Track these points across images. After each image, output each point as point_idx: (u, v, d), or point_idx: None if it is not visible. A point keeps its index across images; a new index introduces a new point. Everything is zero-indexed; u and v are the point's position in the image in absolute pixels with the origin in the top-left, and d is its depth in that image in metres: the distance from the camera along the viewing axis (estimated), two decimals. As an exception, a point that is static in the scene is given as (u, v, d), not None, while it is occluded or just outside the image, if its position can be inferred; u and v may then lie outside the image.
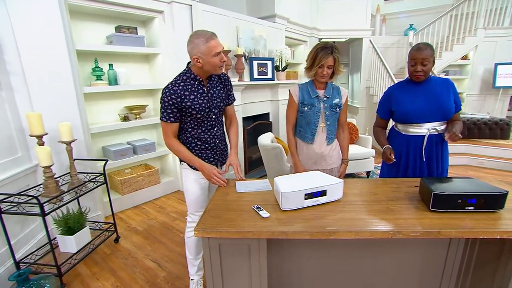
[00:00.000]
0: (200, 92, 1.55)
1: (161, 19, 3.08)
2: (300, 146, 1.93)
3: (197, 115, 1.54)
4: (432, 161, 1.77)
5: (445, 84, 1.74)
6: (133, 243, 2.42)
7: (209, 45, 1.42)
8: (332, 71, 1.75)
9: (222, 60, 1.49)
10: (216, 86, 1.63)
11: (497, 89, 5.53)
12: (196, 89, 1.54)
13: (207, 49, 1.43)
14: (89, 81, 2.84)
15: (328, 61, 1.69)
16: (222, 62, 1.49)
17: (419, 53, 1.64)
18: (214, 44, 1.43)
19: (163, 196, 3.38)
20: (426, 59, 1.63)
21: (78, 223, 2.20)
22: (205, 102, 1.56)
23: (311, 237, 1.13)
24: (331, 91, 1.83)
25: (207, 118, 1.59)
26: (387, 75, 4.98)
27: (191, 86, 1.52)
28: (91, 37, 2.83)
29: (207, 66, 1.48)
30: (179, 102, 1.49)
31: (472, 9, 5.38)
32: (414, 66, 1.67)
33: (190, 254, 1.77)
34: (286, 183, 1.33)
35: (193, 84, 1.53)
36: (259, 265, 1.22)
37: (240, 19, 3.70)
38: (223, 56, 1.49)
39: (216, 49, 1.44)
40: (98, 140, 2.99)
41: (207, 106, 1.56)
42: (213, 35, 1.46)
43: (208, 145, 1.64)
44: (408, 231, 1.13)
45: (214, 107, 1.61)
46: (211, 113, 1.60)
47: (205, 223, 1.19)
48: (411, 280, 1.58)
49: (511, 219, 1.20)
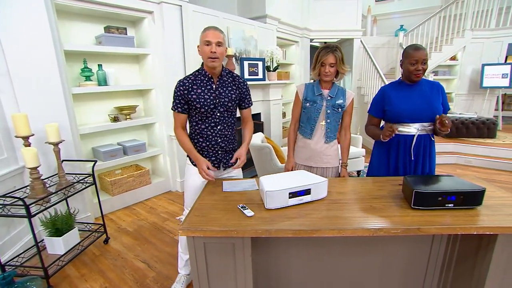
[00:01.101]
0: (208, 88, 1.62)
1: (150, 20, 3.07)
2: (298, 140, 2.03)
3: (201, 109, 1.60)
4: (420, 160, 1.81)
5: (434, 86, 1.79)
6: (123, 244, 2.41)
7: (204, 33, 1.55)
8: (336, 71, 1.83)
9: (212, 50, 1.51)
10: (227, 86, 1.67)
11: (484, 89, 5.64)
12: (204, 84, 1.62)
13: (202, 37, 1.55)
14: (78, 81, 2.82)
15: (329, 59, 1.77)
16: (211, 53, 1.52)
17: (420, 53, 1.68)
18: (207, 33, 1.53)
19: (154, 196, 3.38)
20: (425, 58, 1.68)
21: (67, 225, 2.18)
22: (212, 98, 1.61)
23: (294, 235, 1.15)
24: (336, 91, 1.89)
25: (211, 114, 1.63)
26: (378, 76, 5.05)
27: (200, 81, 1.62)
28: (80, 37, 2.81)
29: (202, 55, 1.57)
30: (186, 94, 1.59)
31: (459, 11, 5.49)
32: (415, 65, 1.69)
33: (181, 247, 1.85)
34: (271, 182, 1.35)
35: (202, 79, 1.62)
36: (244, 264, 1.23)
37: (230, 19, 3.71)
38: (213, 47, 1.51)
39: (206, 37, 1.52)
40: (88, 141, 2.97)
41: (212, 103, 1.61)
42: (213, 28, 1.56)
43: (209, 143, 1.67)
44: (389, 228, 1.15)
45: (220, 105, 1.63)
46: (216, 110, 1.63)
47: (190, 222, 1.20)
48: (397, 276, 1.62)
49: (487, 215, 1.24)
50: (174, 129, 1.69)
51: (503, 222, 1.17)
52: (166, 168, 3.50)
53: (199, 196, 1.49)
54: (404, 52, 1.75)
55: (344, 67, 1.82)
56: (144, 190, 3.28)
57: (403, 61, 1.76)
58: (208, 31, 1.53)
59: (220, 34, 1.55)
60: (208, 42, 1.51)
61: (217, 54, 1.53)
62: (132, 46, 3.01)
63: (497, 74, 5.38)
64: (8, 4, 2.07)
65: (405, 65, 1.74)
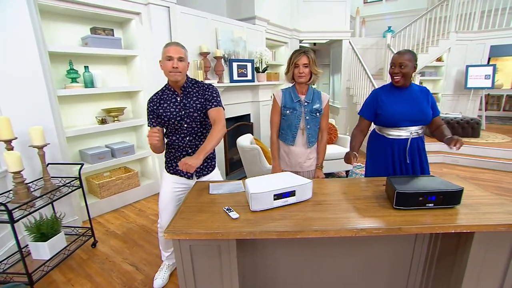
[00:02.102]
0: (173, 101, 1.67)
1: (138, 21, 3.05)
2: (281, 147, 2.04)
3: (169, 122, 1.67)
4: (417, 162, 1.86)
5: (423, 91, 1.84)
6: (111, 247, 2.39)
7: (165, 49, 1.59)
8: (310, 72, 1.84)
9: (173, 65, 1.55)
10: (191, 96, 1.69)
11: (469, 90, 5.79)
12: (170, 98, 1.68)
13: (163, 52, 1.59)
14: (64, 83, 2.78)
15: (302, 60, 1.80)
16: (173, 68, 1.56)
17: (398, 56, 1.73)
18: (169, 49, 1.57)
19: (143, 199, 3.35)
20: (403, 62, 1.71)
21: (52, 229, 2.15)
22: (177, 110, 1.66)
23: (278, 236, 1.16)
24: (312, 96, 1.91)
25: (179, 126, 1.68)
26: (366, 76, 5.12)
27: (166, 96, 1.69)
28: (65, 39, 2.77)
29: (163, 70, 1.61)
30: (155, 110, 1.68)
31: (444, 13, 5.63)
32: (393, 68, 1.75)
33: (161, 246, 1.99)
34: (256, 185, 1.36)
35: (168, 93, 1.69)
36: (229, 265, 1.24)
37: (219, 20, 3.71)
38: (175, 63, 1.55)
39: (167, 52, 1.56)
40: (74, 144, 2.93)
41: (178, 115, 1.65)
42: (174, 44, 1.60)
43: (180, 153, 1.74)
44: (371, 228, 1.18)
45: (186, 116, 1.66)
46: (183, 121, 1.67)
47: (175, 225, 1.20)
48: (383, 274, 1.65)
49: (465, 213, 1.28)
50: None
51: (479, 220, 1.21)
52: (155, 170, 3.47)
53: (185, 199, 1.49)
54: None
55: (317, 69, 1.85)
56: (133, 192, 3.26)
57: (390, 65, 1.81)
58: (170, 46, 1.58)
59: (182, 50, 1.60)
60: (169, 57, 1.56)
61: (179, 68, 1.57)
62: (119, 48, 2.98)
63: (481, 75, 5.53)
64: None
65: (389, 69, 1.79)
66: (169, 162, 1.80)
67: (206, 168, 1.83)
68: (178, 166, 1.72)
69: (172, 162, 1.78)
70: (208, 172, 1.84)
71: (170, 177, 1.79)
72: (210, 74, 3.62)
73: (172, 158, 1.77)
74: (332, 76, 7.02)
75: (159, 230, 1.91)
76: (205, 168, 1.82)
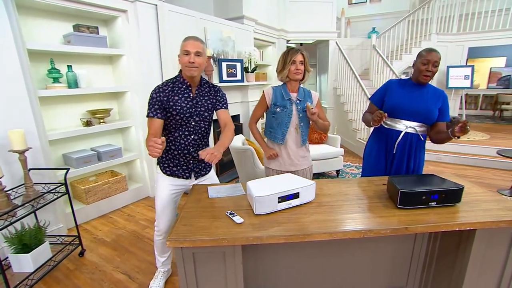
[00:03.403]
0: (185, 96, 1.60)
1: (124, 19, 2.92)
2: (271, 146, 2.00)
3: (176, 117, 1.58)
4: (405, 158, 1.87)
5: (438, 93, 1.83)
6: (100, 255, 2.27)
7: (183, 43, 1.55)
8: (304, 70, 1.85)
9: (190, 60, 1.51)
10: (204, 96, 1.66)
11: (450, 90, 6.01)
12: (182, 92, 1.60)
13: (181, 46, 1.55)
14: (45, 83, 2.62)
15: (299, 57, 1.82)
16: (189, 63, 1.51)
17: (433, 55, 1.71)
18: (186, 43, 1.53)
19: (131, 203, 3.22)
20: (437, 61, 1.72)
21: (36, 239, 2.01)
22: (188, 106, 1.59)
23: (286, 240, 1.13)
24: (303, 94, 1.89)
25: (186, 123, 1.61)
26: (353, 76, 5.20)
27: (178, 89, 1.60)
28: (45, 36, 2.61)
29: (180, 64, 1.56)
30: (165, 101, 1.56)
31: (426, 16, 5.81)
32: (426, 65, 1.73)
33: (157, 251, 1.89)
34: (259, 187, 1.32)
35: (180, 87, 1.61)
36: (234, 271, 1.20)
37: (207, 20, 3.64)
38: (192, 57, 1.51)
39: (185, 47, 1.52)
40: (57, 147, 2.77)
41: (188, 111, 1.59)
42: (193, 38, 1.56)
43: (181, 152, 1.66)
44: (379, 229, 1.17)
45: (196, 114, 1.62)
46: (191, 119, 1.61)
47: (178, 232, 1.14)
48: (383, 272, 1.66)
49: (467, 211, 1.30)
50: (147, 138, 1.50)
51: (481, 218, 1.24)
52: (143, 174, 3.35)
53: (185, 204, 1.43)
54: (419, 53, 1.80)
55: (309, 67, 1.89)
56: (121, 197, 3.12)
57: (416, 60, 1.80)
58: (188, 41, 1.53)
59: (200, 44, 1.55)
60: (187, 51, 1.51)
61: (196, 64, 1.52)
62: (105, 47, 2.85)
63: (460, 76, 5.76)
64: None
65: (417, 65, 1.78)
66: (165, 162, 1.70)
67: (205, 168, 1.78)
68: (175, 167, 1.68)
69: (170, 163, 1.68)
70: (206, 172, 1.79)
71: (167, 179, 1.70)
72: (200, 74, 3.54)
73: (169, 158, 1.68)
74: (319, 76, 7.09)
75: (156, 233, 1.81)
76: (203, 168, 1.77)
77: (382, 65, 5.39)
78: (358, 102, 5.11)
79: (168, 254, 1.92)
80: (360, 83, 4.92)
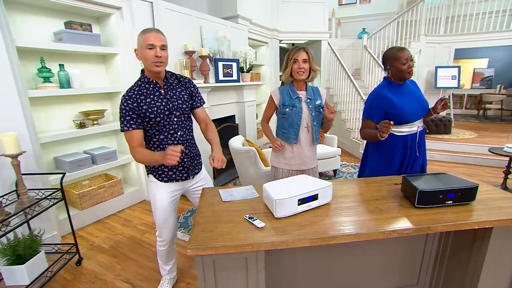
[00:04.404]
0: (156, 95, 1.48)
1: (119, 16, 2.82)
2: (284, 147, 1.93)
3: (156, 119, 1.46)
4: (421, 156, 1.89)
5: (413, 83, 1.89)
6: (99, 263, 2.17)
7: (144, 36, 1.39)
8: (309, 69, 1.80)
9: (157, 54, 1.38)
10: (175, 88, 1.56)
11: (438, 89, 6.18)
12: (152, 92, 1.48)
13: (142, 40, 1.40)
14: (35, 83, 2.48)
15: (301, 55, 1.76)
16: (156, 57, 1.39)
17: (406, 52, 1.75)
18: (148, 35, 1.38)
19: (127, 207, 3.11)
20: (411, 55, 1.76)
21: (31, 249, 1.89)
22: (164, 104, 1.49)
23: (311, 244, 1.10)
24: (312, 92, 1.87)
25: (168, 121, 1.50)
26: (346, 76, 5.25)
27: (146, 90, 1.47)
28: (35, 33, 2.47)
29: (143, 60, 1.43)
30: (136, 107, 1.43)
31: (415, 17, 5.94)
32: (407, 63, 1.74)
33: (161, 261, 1.83)
34: (277, 190, 1.28)
35: (148, 87, 1.48)
36: (257, 277, 1.15)
37: (203, 18, 3.57)
38: (157, 51, 1.39)
39: (148, 40, 1.38)
40: (48, 151, 2.63)
41: (166, 109, 1.49)
42: (154, 30, 1.43)
43: None
44: (402, 229, 1.16)
45: (175, 109, 1.52)
46: (172, 115, 1.51)
47: (198, 239, 1.09)
48: (394, 271, 1.66)
49: (482, 209, 1.31)
50: (131, 151, 1.46)
51: (498, 216, 1.25)
52: (139, 176, 3.24)
53: (198, 208, 1.37)
54: (390, 55, 1.79)
55: (315, 66, 1.83)
56: (116, 201, 3.01)
57: (391, 63, 1.80)
58: (150, 33, 1.39)
59: (163, 37, 1.44)
60: (151, 45, 1.38)
61: (163, 58, 1.41)
62: (98, 45, 2.74)
63: (448, 76, 5.93)
64: None
65: (396, 67, 1.77)
66: (159, 169, 1.56)
67: (197, 166, 1.71)
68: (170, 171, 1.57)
69: (164, 168, 1.56)
70: (199, 169, 1.74)
71: (164, 187, 1.59)
72: (196, 74, 3.47)
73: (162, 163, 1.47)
74: (311, 76, 7.12)
75: (160, 244, 1.72)
76: (197, 165, 1.71)
77: (373, 65, 5.47)
78: (352, 102, 5.16)
79: (173, 261, 1.86)
80: (353, 83, 4.98)
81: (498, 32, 5.63)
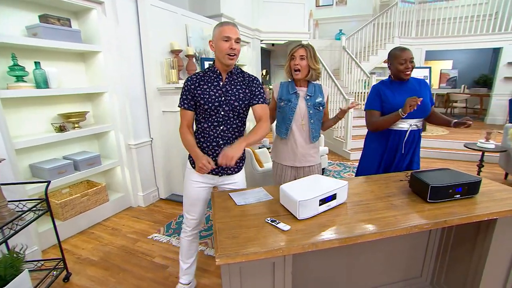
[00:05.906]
0: (214, 84, 1.52)
1: (100, 12, 2.63)
2: (276, 139, 1.97)
3: (205, 106, 1.50)
4: (410, 154, 1.93)
5: (422, 83, 1.92)
6: (90, 277, 2.00)
7: (221, 28, 1.45)
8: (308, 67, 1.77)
9: (232, 47, 1.43)
10: (236, 84, 1.55)
11: (411, 89, 6.52)
12: (212, 80, 1.53)
13: (219, 32, 1.44)
14: (6, 82, 2.24)
15: (299, 51, 1.76)
16: (231, 49, 1.43)
17: (407, 53, 1.78)
18: (225, 28, 1.44)
19: (113, 215, 2.92)
20: (412, 57, 1.79)
21: (12, 268, 1.69)
22: (217, 95, 1.50)
23: (340, 244, 1.09)
24: (314, 89, 1.86)
25: (215, 112, 1.51)
26: (327, 76, 5.36)
27: (208, 77, 1.53)
28: (5, 27, 2.22)
29: (217, 51, 1.47)
30: (193, 90, 1.50)
31: (389, 20, 6.23)
32: (405, 64, 1.78)
33: (181, 256, 1.79)
34: (297, 191, 1.26)
35: (211, 76, 1.54)
36: (284, 281, 1.12)
37: (188, 17, 3.46)
38: (233, 44, 1.43)
39: (224, 32, 1.43)
40: (23, 157, 2.38)
41: (217, 100, 1.50)
42: (231, 23, 1.48)
43: (210, 144, 1.56)
44: (422, 224, 1.18)
45: (226, 104, 1.51)
46: (220, 108, 1.51)
47: (224, 247, 1.03)
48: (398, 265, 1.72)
49: (486, 201, 1.38)
50: (180, 127, 1.58)
51: (501, 207, 1.31)
52: (125, 182, 3.06)
53: (214, 214, 1.30)
54: (392, 54, 1.85)
55: (316, 64, 1.79)
56: (101, 209, 2.81)
57: (391, 62, 1.85)
58: (227, 26, 1.45)
59: (238, 31, 1.47)
60: (227, 37, 1.42)
61: (236, 51, 1.44)
62: (78, 41, 2.53)
63: (420, 76, 6.27)
64: None
65: (395, 66, 1.83)
66: None
67: (232, 168, 1.63)
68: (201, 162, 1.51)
69: None
70: (233, 172, 1.64)
71: (196, 174, 1.60)
72: (182, 74, 3.34)
73: (200, 150, 1.54)
74: (291, 76, 7.20)
75: (183, 231, 1.73)
76: (230, 168, 1.62)
77: (351, 66, 5.65)
78: (333, 101, 5.28)
79: (193, 260, 1.80)
80: (335, 82, 5.10)
81: (462, 36, 6.07)
